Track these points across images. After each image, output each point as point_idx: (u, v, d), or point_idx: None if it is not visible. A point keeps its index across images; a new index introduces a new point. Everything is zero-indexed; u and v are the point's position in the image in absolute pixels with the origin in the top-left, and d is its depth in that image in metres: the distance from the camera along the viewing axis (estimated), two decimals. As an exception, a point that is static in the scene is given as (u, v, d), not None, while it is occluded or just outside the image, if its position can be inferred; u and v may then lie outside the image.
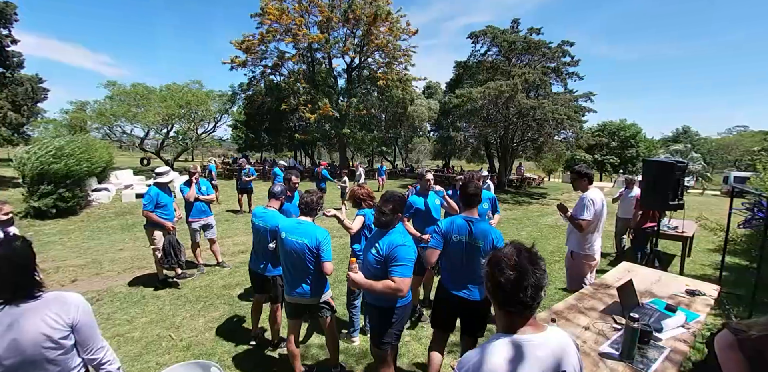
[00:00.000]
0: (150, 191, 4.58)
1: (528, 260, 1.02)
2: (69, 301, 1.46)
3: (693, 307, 2.61)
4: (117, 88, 20.94)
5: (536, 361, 1.00)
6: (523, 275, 0.99)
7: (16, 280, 1.37)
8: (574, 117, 18.74)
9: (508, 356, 1.00)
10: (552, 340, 1.06)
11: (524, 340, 1.03)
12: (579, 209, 3.30)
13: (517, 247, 1.07)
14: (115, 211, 10.08)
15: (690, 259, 6.03)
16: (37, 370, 1.38)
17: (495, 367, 0.98)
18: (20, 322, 1.34)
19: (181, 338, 3.50)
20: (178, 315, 3.99)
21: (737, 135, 47.68)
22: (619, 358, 1.96)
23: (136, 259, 5.98)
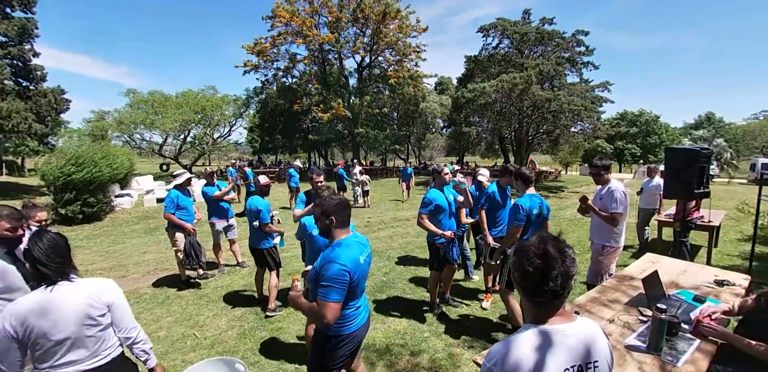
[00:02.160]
0: (170, 194, 4.70)
1: (556, 248, 0.99)
2: (105, 284, 1.68)
3: (722, 297, 2.51)
4: (135, 97, 21.61)
5: (566, 350, 0.98)
6: (552, 263, 0.97)
7: (60, 264, 1.56)
8: (591, 108, 18.32)
9: (536, 345, 0.98)
10: (582, 329, 1.03)
11: (553, 329, 1.00)
12: (611, 202, 3.25)
13: (543, 237, 1.04)
14: (138, 216, 10.39)
15: (717, 250, 5.81)
16: (80, 345, 1.55)
17: (522, 357, 0.95)
18: (65, 301, 1.53)
19: (205, 336, 3.59)
20: (201, 314, 4.09)
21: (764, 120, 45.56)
22: (647, 351, 1.90)
23: (160, 262, 6.15)
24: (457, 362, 2.95)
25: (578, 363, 0.98)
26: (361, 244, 2.00)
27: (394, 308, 4.05)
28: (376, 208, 11.32)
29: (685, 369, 1.77)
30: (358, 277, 1.85)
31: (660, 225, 5.70)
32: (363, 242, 2.03)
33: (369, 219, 9.39)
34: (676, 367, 1.78)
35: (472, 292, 4.42)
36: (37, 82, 19.56)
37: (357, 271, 1.83)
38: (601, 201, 3.37)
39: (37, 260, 1.52)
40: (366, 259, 1.96)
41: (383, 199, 13.16)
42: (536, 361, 0.95)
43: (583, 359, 0.99)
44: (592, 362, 1.00)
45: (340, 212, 1.91)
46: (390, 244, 6.79)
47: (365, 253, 1.97)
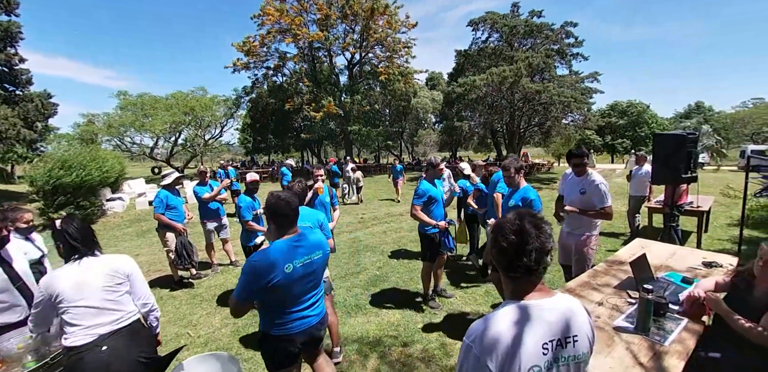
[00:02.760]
0: (159, 194, 4.65)
1: (532, 224, 0.99)
2: (123, 258, 2.00)
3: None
4: (125, 100, 21.34)
5: (544, 324, 0.97)
6: (526, 239, 0.97)
7: (89, 240, 1.91)
8: (580, 99, 18.40)
9: (514, 320, 0.97)
10: (561, 304, 1.02)
11: (531, 304, 1.00)
12: (598, 196, 3.07)
13: (520, 213, 1.05)
14: (130, 219, 10.29)
15: (707, 235, 5.88)
16: (106, 309, 1.82)
17: (500, 332, 0.95)
18: (93, 271, 1.84)
19: (198, 335, 3.57)
20: (195, 313, 4.06)
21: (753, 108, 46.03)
22: (635, 331, 1.91)
23: (152, 263, 6.10)
24: (450, 352, 2.96)
25: (557, 337, 0.98)
26: (302, 247, 1.86)
27: (387, 301, 4.05)
28: (370, 204, 11.31)
29: (673, 348, 1.79)
30: (279, 283, 1.74)
31: (650, 212, 5.74)
32: (307, 246, 1.89)
33: (363, 215, 9.38)
34: (664, 346, 1.79)
35: (466, 282, 4.44)
36: (23, 87, 19.26)
37: (276, 277, 1.72)
38: (583, 194, 3.17)
39: (71, 235, 1.84)
40: (305, 264, 1.85)
41: (377, 196, 13.14)
42: (514, 336, 0.94)
43: (562, 333, 0.99)
44: (571, 336, 0.99)
45: (276, 213, 1.84)
46: (383, 239, 6.79)
47: (303, 259, 1.84)
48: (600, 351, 1.77)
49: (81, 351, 1.72)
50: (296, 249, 1.84)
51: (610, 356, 1.73)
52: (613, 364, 1.67)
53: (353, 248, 6.29)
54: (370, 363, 2.90)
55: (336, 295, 4.30)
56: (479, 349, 0.94)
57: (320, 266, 1.97)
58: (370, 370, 2.82)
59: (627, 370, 1.63)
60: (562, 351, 0.98)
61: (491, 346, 0.93)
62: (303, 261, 1.85)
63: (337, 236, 6.92)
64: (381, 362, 2.89)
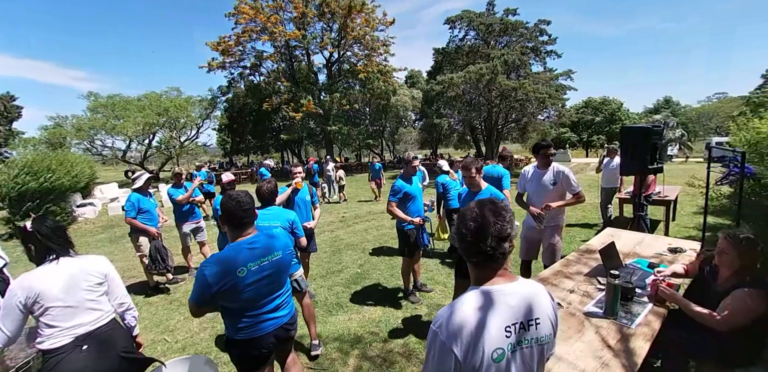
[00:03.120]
0: (130, 198, 4.48)
1: (491, 211, 1.02)
2: (100, 258, 1.97)
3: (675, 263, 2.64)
4: (95, 102, 20.53)
5: (507, 308, 0.99)
6: (485, 225, 0.99)
7: (64, 240, 1.88)
8: (555, 95, 18.85)
9: (477, 305, 0.99)
10: (523, 289, 1.05)
11: (493, 289, 1.02)
12: (569, 184, 3.21)
13: (481, 201, 1.07)
14: (103, 225, 9.93)
15: (675, 223, 6.14)
16: (86, 308, 1.80)
17: (464, 317, 0.97)
18: (72, 271, 1.80)
19: (176, 340, 3.48)
20: (172, 319, 3.96)
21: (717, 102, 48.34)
22: (604, 316, 1.98)
23: (127, 270, 5.90)
24: (432, 345, 2.98)
25: (519, 320, 1.00)
26: (257, 249, 1.81)
27: (369, 298, 4.05)
28: (351, 203, 11.28)
29: (639, 330, 1.86)
30: (232, 288, 1.70)
31: (621, 202, 5.95)
32: (264, 247, 1.84)
33: (344, 214, 9.35)
34: (631, 329, 1.86)
35: (445, 275, 4.48)
36: (-19, 89, 18.27)
37: (228, 281, 1.68)
38: (555, 185, 3.25)
39: (45, 235, 1.80)
40: (262, 266, 1.80)
41: (359, 195, 13.12)
42: (477, 321, 0.96)
43: (525, 317, 1.01)
44: (533, 319, 1.02)
45: (228, 214, 1.80)
46: (365, 237, 6.78)
47: (256, 262, 1.79)
48: (571, 336, 1.83)
49: (61, 353, 1.69)
50: (251, 251, 1.79)
51: (580, 341, 1.78)
52: (583, 348, 1.72)
53: (334, 247, 6.26)
54: (351, 360, 2.90)
55: (317, 294, 4.28)
56: (445, 335, 0.96)
57: (281, 267, 1.91)
58: (352, 367, 2.81)
59: (596, 353, 1.68)
60: (525, 334, 1.01)
61: (456, 332, 0.95)
62: (259, 263, 1.79)
63: (318, 235, 6.87)
64: (362, 359, 2.89)
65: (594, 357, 1.65)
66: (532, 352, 1.02)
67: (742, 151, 2.96)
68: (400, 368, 2.75)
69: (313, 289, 4.44)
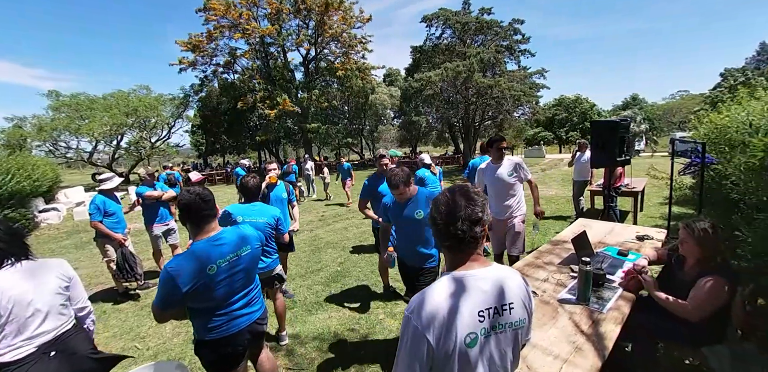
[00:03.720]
0: (95, 200, 4.24)
1: (462, 195, 1.02)
2: (62, 261, 1.87)
3: (642, 250, 2.74)
4: (57, 101, 19.44)
5: (480, 293, 0.99)
6: (455, 208, 1.00)
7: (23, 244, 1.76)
8: (529, 93, 19.28)
9: (450, 291, 0.99)
10: (496, 274, 1.04)
11: (466, 274, 1.01)
12: (527, 172, 3.43)
13: (454, 187, 1.08)
14: (68, 231, 9.45)
15: (642, 213, 6.40)
16: (53, 314, 1.70)
17: (438, 302, 0.96)
18: (39, 274, 1.70)
19: (147, 347, 3.34)
20: (143, 325, 3.80)
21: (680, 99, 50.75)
22: (576, 302, 2.02)
23: (94, 276, 5.63)
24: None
25: (493, 305, 1.00)
26: (224, 245, 1.77)
27: (349, 295, 4.02)
28: (331, 202, 11.19)
29: (610, 315, 1.91)
30: (202, 287, 1.66)
31: (592, 194, 6.15)
32: (231, 243, 1.80)
33: (323, 213, 9.25)
34: (602, 314, 1.91)
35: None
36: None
37: (197, 281, 1.64)
38: (512, 176, 3.37)
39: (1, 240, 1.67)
40: (231, 262, 1.77)
41: (339, 193, 13.02)
42: (450, 306, 0.96)
43: (498, 301, 1.00)
44: (507, 304, 1.01)
45: (189, 210, 1.73)
46: (345, 235, 6.73)
47: (225, 258, 1.75)
48: (545, 323, 1.86)
49: (26, 363, 1.57)
50: (218, 248, 1.74)
51: (554, 327, 1.81)
52: (557, 334, 1.75)
53: (313, 246, 6.18)
54: (332, 359, 2.86)
55: (296, 293, 4.21)
56: (417, 321, 0.95)
57: (250, 262, 1.88)
58: (332, 366, 2.78)
59: (570, 338, 1.72)
60: (499, 318, 1.00)
61: (429, 317, 0.94)
62: (228, 259, 1.76)
63: (297, 234, 6.77)
64: (342, 357, 2.86)
65: (568, 342, 1.68)
66: (506, 337, 1.02)
67: (703, 142, 3.10)
68: (382, 366, 2.73)
69: (292, 288, 4.36)
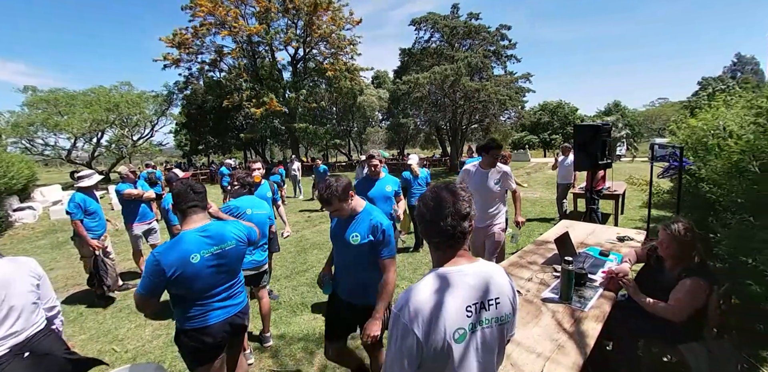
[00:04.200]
0: (74, 198, 4.04)
1: (448, 191, 1.04)
2: (30, 259, 1.79)
3: (623, 250, 2.81)
4: (34, 96, 18.79)
5: (467, 288, 1.00)
6: (442, 204, 1.01)
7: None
8: (515, 97, 19.59)
9: (437, 286, 0.99)
10: (483, 269, 1.05)
11: (453, 270, 1.02)
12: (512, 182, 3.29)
13: (439, 184, 1.10)
14: (44, 230, 9.13)
15: (623, 216, 6.57)
16: (26, 313, 1.64)
17: (426, 298, 0.97)
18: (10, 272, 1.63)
19: (126, 350, 3.25)
20: (121, 327, 3.69)
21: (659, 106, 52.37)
22: (559, 301, 2.06)
23: (71, 277, 5.45)
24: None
25: (480, 300, 1.01)
26: (210, 238, 1.79)
27: (335, 296, 3.99)
28: (317, 203, 11.10)
29: (592, 313, 1.95)
30: (185, 274, 1.69)
31: (575, 197, 6.29)
32: (217, 236, 1.82)
33: (310, 214, 9.19)
34: (584, 312, 1.95)
35: (410, 271, 4.51)
36: None
37: (181, 268, 1.67)
38: (498, 184, 3.23)
39: None
40: (215, 254, 1.79)
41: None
42: (438, 301, 0.96)
43: (484, 296, 1.01)
44: (493, 299, 1.02)
45: (178, 199, 1.81)
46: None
47: (209, 250, 1.77)
48: (529, 321, 1.88)
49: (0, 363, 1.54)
50: (204, 239, 1.78)
51: (537, 325, 1.84)
52: (540, 333, 1.78)
53: (299, 247, 6.13)
54: (317, 359, 2.83)
55: (281, 294, 4.17)
56: (406, 317, 0.95)
57: (235, 257, 1.90)
58: (317, 367, 2.75)
59: (552, 335, 1.74)
60: (485, 313, 1.01)
61: (417, 313, 0.95)
62: (212, 251, 1.78)
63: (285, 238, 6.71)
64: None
65: (551, 340, 1.71)
66: (493, 332, 1.03)
67: (681, 146, 3.21)
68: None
69: (277, 289, 4.31)
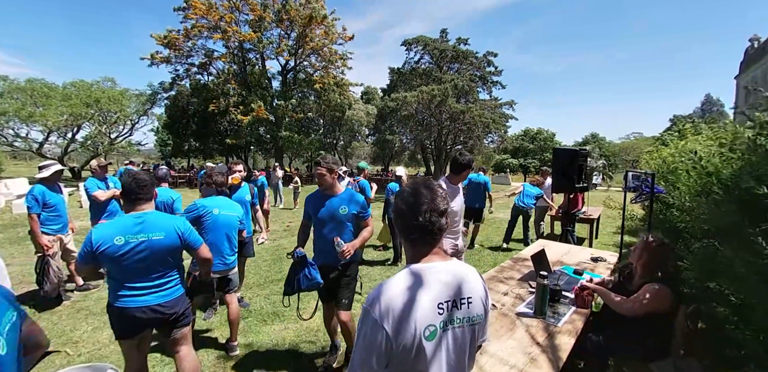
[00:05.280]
0: (33, 190, 3.76)
1: (426, 187, 1.05)
2: None
3: (596, 270, 2.90)
4: (8, 85, 18.06)
5: (441, 285, 1.00)
6: (420, 200, 1.01)
7: None
8: (499, 121, 20.27)
9: (411, 282, 0.99)
10: (456, 268, 1.06)
11: (427, 266, 1.02)
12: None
13: (417, 180, 1.11)
14: (4, 224, 8.59)
15: (597, 241, 6.77)
16: None
17: (397, 293, 0.96)
18: None
19: (79, 353, 3.04)
20: (77, 329, 3.47)
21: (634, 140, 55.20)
22: (534, 316, 2.09)
23: (28, 274, 5.09)
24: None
25: (452, 298, 1.00)
26: (141, 225, 1.90)
27: (308, 307, 3.88)
28: (297, 213, 10.97)
29: (565, 328, 1.98)
30: (107, 252, 1.82)
31: (552, 220, 6.46)
32: (148, 224, 1.92)
33: (289, 223, 9.04)
34: (557, 327, 1.98)
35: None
36: None
37: (105, 245, 1.82)
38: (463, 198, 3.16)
39: None
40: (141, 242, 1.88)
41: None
42: (410, 297, 0.95)
43: (456, 295, 1.01)
44: (465, 298, 1.02)
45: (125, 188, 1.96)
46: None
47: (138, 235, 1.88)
48: (503, 334, 1.90)
49: None
50: (135, 226, 1.90)
51: (511, 338, 1.86)
52: (514, 345, 1.79)
53: (275, 256, 5.99)
54: (285, 370, 2.74)
55: (252, 302, 4.04)
56: (377, 313, 0.93)
57: (161, 248, 1.94)
58: (285, 377, 2.66)
59: (526, 348, 1.76)
60: (457, 312, 1.01)
61: (387, 308, 0.93)
62: (138, 237, 1.88)
63: (260, 244, 6.56)
64: (296, 369, 2.75)
65: (524, 353, 1.72)
66: (464, 333, 1.02)
67: (652, 172, 3.38)
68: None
69: (249, 297, 4.18)
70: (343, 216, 2.59)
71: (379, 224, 5.81)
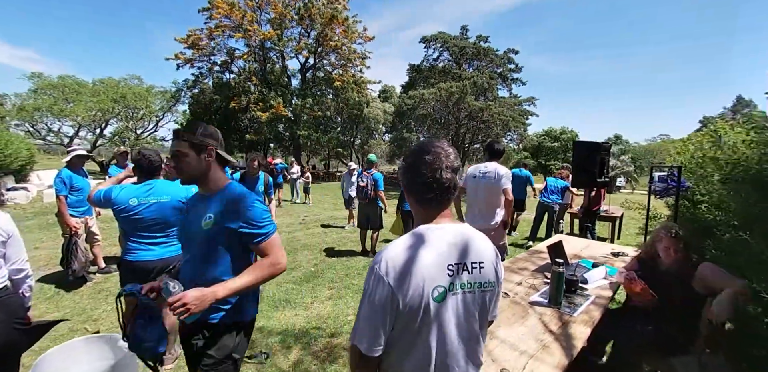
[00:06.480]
0: (61, 174, 3.94)
1: (438, 146, 1.00)
2: (3, 215, 1.64)
3: (616, 264, 2.78)
4: (42, 81, 18.91)
5: (450, 246, 0.96)
6: (438, 158, 0.97)
7: None
8: (518, 119, 19.85)
9: (421, 242, 0.95)
10: (468, 230, 1.02)
11: (434, 227, 0.99)
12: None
13: (425, 141, 1.06)
14: (35, 212, 9.01)
15: (619, 241, 6.52)
16: None
17: (406, 252, 0.93)
18: None
19: (97, 330, 3.14)
20: (97, 308, 3.59)
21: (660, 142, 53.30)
22: (548, 305, 2.01)
23: (54, 257, 5.32)
24: (379, 340, 2.90)
25: (462, 261, 0.96)
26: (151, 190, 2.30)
27: (319, 295, 3.92)
28: (314, 208, 11.07)
29: (581, 318, 1.90)
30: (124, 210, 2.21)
31: (571, 218, 6.27)
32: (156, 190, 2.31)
33: (305, 217, 9.12)
34: (573, 317, 1.90)
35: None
36: None
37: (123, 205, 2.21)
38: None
39: None
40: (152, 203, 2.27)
41: (323, 200, 12.93)
42: (418, 256, 0.92)
43: (467, 258, 0.97)
44: (477, 262, 0.98)
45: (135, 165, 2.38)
46: (323, 239, 6.62)
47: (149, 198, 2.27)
48: (515, 321, 1.84)
49: None
50: (147, 191, 2.30)
51: (523, 325, 1.79)
52: (525, 332, 1.73)
53: (290, 247, 6.04)
54: (293, 353, 2.75)
55: (264, 289, 4.07)
56: (382, 269, 0.91)
57: (166, 209, 2.31)
58: (292, 361, 2.66)
59: (538, 336, 1.70)
60: (467, 276, 0.96)
61: (394, 265, 0.91)
62: (149, 200, 2.28)
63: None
64: (305, 353, 2.76)
65: (535, 339, 1.66)
66: (475, 298, 0.98)
67: (678, 165, 3.22)
68: (344, 363, 2.63)
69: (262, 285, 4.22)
70: (204, 233, 1.40)
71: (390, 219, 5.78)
